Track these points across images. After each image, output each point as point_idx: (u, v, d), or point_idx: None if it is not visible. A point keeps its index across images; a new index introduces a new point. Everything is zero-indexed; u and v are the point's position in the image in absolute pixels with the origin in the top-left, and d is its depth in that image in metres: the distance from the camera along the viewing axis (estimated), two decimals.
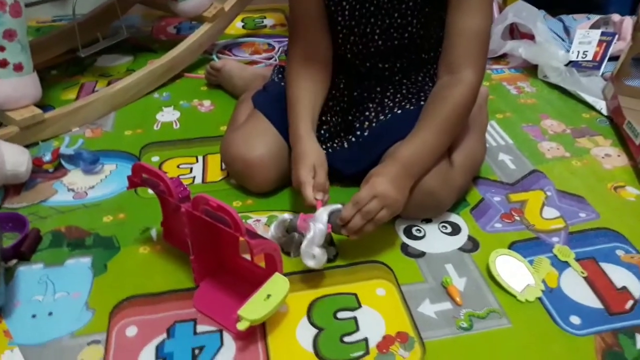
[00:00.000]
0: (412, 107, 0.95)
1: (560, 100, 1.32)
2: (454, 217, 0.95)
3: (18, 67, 1.05)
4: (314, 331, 0.75)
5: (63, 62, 1.41)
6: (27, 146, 1.03)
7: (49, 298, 0.79)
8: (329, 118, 1.00)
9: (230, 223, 0.69)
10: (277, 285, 0.73)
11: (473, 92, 0.88)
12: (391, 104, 0.96)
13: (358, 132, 0.98)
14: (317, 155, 0.87)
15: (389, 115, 0.96)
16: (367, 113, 0.97)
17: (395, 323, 0.76)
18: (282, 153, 0.96)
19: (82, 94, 1.30)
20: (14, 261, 0.84)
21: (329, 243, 0.88)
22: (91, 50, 1.31)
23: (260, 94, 1.06)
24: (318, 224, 0.79)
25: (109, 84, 1.31)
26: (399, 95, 0.98)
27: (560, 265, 0.86)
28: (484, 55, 0.88)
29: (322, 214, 0.81)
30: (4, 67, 1.03)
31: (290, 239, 0.86)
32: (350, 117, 1.00)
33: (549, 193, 1.01)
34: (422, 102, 0.94)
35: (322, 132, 0.98)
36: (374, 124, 0.97)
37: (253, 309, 0.70)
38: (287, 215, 0.85)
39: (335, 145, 0.99)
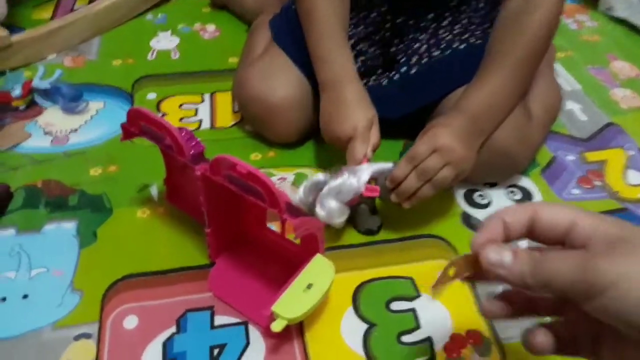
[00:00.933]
0: (477, 41, 0.76)
1: (628, 38, 1.13)
2: (523, 180, 0.78)
3: None
4: (364, 327, 0.59)
5: None
6: None
7: (23, 275, 0.62)
8: (365, 48, 0.79)
9: (264, 196, 0.51)
10: (319, 271, 0.57)
11: (555, 19, 0.69)
12: (449, 37, 0.76)
13: (403, 69, 0.78)
14: (371, 105, 0.69)
15: (448, 51, 0.76)
16: (415, 45, 0.77)
17: (464, 318, 0.60)
18: (310, 94, 0.77)
19: (59, 12, 1.07)
20: None
21: (371, 211, 0.71)
22: None
23: (278, 20, 0.85)
24: (351, 178, 0.62)
25: (91, 1, 1.08)
26: (458, 26, 0.77)
27: None
28: None
29: (364, 170, 0.64)
30: None
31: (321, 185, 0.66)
32: (393, 50, 0.80)
33: (630, 152, 0.84)
34: (488, 35, 0.75)
35: (360, 64, 0.78)
36: (424, 61, 0.77)
37: (291, 304, 0.54)
38: (321, 176, 0.67)
39: (371, 82, 0.80)
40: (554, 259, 0.34)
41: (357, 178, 0.63)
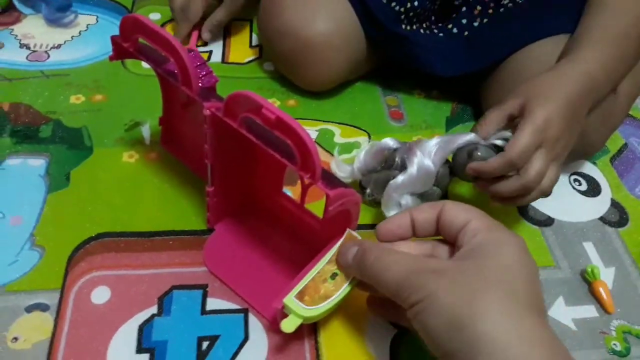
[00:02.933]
0: None
1: None
2: (590, 168, 0.65)
3: None
4: (391, 331, 0.47)
5: None
6: None
7: None
8: None
9: (296, 153, 0.38)
10: None
11: None
12: None
13: (464, 21, 0.64)
14: None
15: (518, 1, 0.62)
16: None
17: None
18: (356, 32, 0.63)
19: None
20: None
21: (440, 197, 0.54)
22: None
23: None
24: (426, 160, 0.49)
25: None
26: None
27: None
28: None
29: (439, 147, 0.50)
30: None
31: (386, 178, 0.52)
32: None
33: None
34: None
35: (407, 5, 0.64)
36: (490, 11, 0.63)
37: (308, 299, 0.41)
38: (390, 141, 0.53)
39: (424, 31, 0.66)
40: (389, 259, 0.37)
41: (431, 160, 0.49)
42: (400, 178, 0.49)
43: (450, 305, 0.32)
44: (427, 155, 0.49)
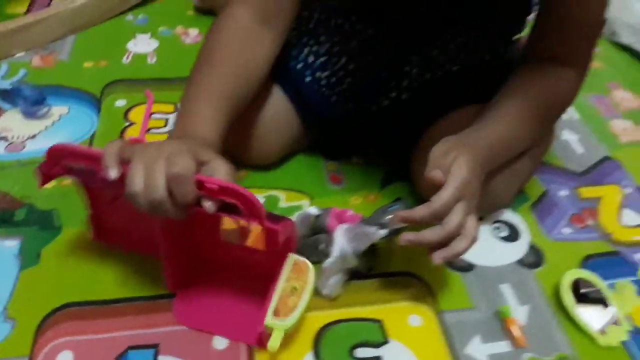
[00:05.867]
0: (471, 63, 0.70)
1: (632, 66, 1.07)
2: (511, 216, 0.72)
3: None
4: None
5: None
6: None
7: None
8: (351, 68, 0.73)
9: (242, 208, 0.46)
10: (297, 272, 0.53)
11: (574, 97, 0.69)
12: (441, 59, 0.71)
13: (393, 94, 0.73)
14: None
15: (439, 74, 0.71)
16: (406, 68, 0.71)
17: None
18: (291, 117, 0.72)
19: (35, 7, 1.02)
20: None
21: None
22: None
23: None
24: (341, 246, 0.57)
25: None
26: (452, 46, 0.72)
27: None
28: (593, 49, 0.67)
29: (345, 231, 0.58)
30: None
31: (315, 242, 0.61)
32: (382, 73, 0.74)
33: (627, 190, 0.79)
34: (486, 57, 0.70)
35: (346, 87, 0.73)
36: (415, 84, 0.72)
37: (283, 313, 0.51)
38: (313, 209, 0.62)
39: (360, 107, 0.74)
40: None
41: (343, 242, 0.58)
42: (328, 262, 0.57)
43: None
44: (346, 241, 0.57)
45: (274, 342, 0.50)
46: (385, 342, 0.57)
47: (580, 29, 0.63)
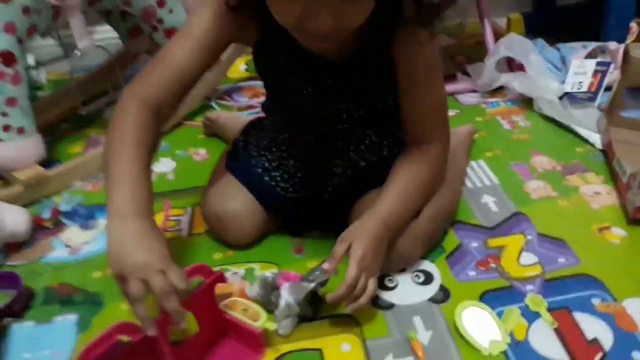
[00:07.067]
0: (373, 158, 0.97)
1: (555, 134, 1.31)
2: (428, 266, 0.95)
3: (20, 131, 1.13)
4: None
5: (73, 115, 1.49)
6: (31, 202, 1.12)
7: (36, 355, 0.85)
8: (299, 165, 0.98)
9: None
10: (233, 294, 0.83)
11: (444, 163, 0.94)
12: (356, 157, 0.97)
13: (329, 189, 0.99)
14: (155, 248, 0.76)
15: (351, 170, 0.97)
16: (333, 170, 0.97)
17: None
18: (256, 207, 1.00)
19: (88, 147, 1.38)
20: (9, 319, 0.90)
21: (309, 302, 0.86)
22: (91, 107, 1.39)
23: (230, 151, 1.09)
24: (285, 298, 0.82)
25: None
26: (362, 147, 0.97)
27: (531, 316, 0.85)
28: (447, 122, 0.94)
29: (288, 286, 0.84)
30: (7, 131, 1.12)
31: (268, 298, 0.86)
32: (318, 171, 0.99)
33: (529, 237, 1.00)
34: (384, 153, 0.97)
35: (297, 179, 0.99)
36: (336, 179, 0.98)
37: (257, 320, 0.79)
38: (268, 274, 0.88)
39: (312, 193, 1.00)
40: None
41: (286, 299, 0.83)
42: (278, 310, 0.83)
43: None
44: (289, 294, 0.83)
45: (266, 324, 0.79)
46: None
47: (432, 112, 0.90)
